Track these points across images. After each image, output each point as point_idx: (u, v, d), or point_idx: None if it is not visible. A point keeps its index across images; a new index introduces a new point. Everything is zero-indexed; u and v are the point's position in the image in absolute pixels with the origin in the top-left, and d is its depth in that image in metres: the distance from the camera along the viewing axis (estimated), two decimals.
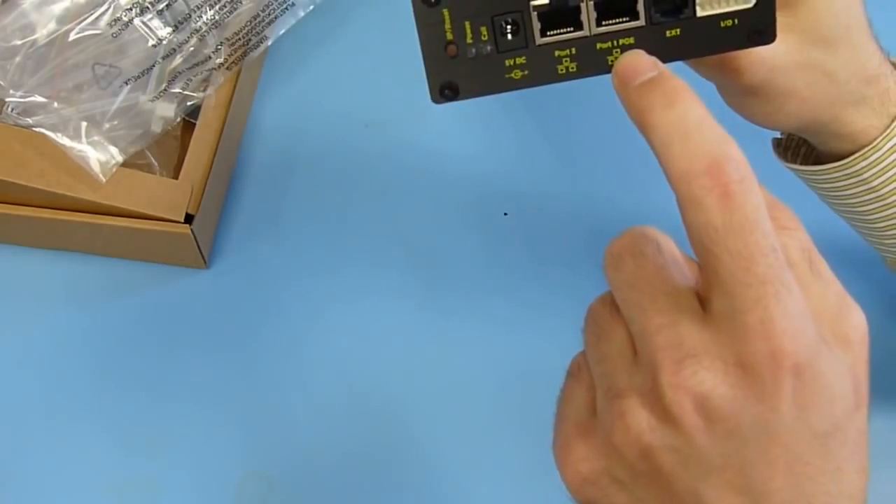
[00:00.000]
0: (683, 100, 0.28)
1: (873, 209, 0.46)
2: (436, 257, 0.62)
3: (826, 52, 0.42)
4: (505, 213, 0.63)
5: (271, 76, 0.67)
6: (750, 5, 0.33)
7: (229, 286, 0.61)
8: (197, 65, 0.58)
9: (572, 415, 0.31)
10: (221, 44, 0.58)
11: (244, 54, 0.60)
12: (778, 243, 0.27)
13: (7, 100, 0.56)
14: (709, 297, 0.28)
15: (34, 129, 0.56)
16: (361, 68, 0.68)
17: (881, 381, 0.53)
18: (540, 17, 0.33)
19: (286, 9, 0.60)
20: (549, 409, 0.33)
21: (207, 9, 0.58)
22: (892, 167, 0.44)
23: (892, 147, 0.44)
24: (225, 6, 0.58)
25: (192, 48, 0.58)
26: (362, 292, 0.61)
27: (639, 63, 0.30)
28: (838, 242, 0.60)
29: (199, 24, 0.58)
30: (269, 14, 0.60)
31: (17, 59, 0.56)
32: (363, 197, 0.64)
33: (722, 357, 0.27)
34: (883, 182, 0.45)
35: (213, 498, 0.55)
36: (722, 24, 0.34)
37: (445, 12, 0.32)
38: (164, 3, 0.57)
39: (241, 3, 0.59)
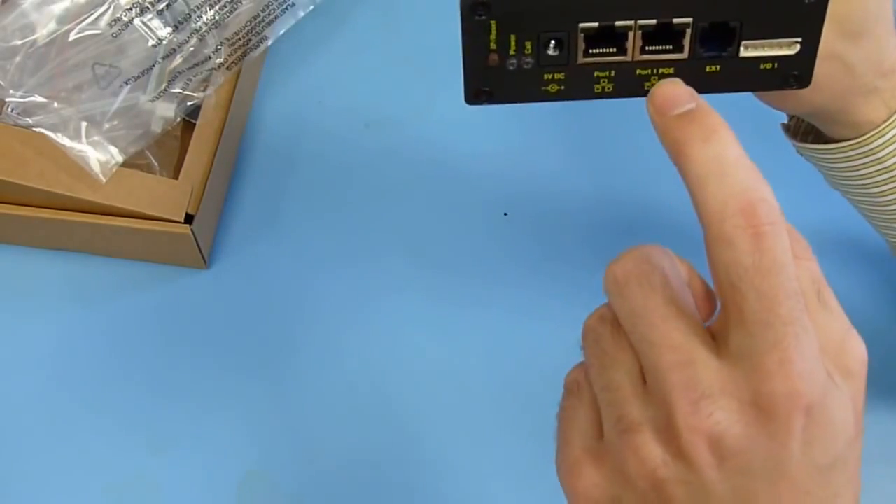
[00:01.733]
0: (721, 136, 0.28)
1: (886, 190, 0.46)
2: (436, 257, 0.62)
3: (850, 44, 0.42)
4: (505, 213, 0.63)
5: (271, 76, 0.67)
6: (793, 52, 0.33)
7: (229, 286, 0.61)
8: (197, 65, 0.58)
9: (578, 437, 0.31)
10: (221, 44, 0.58)
11: (244, 54, 0.60)
12: (799, 285, 0.27)
13: (7, 100, 0.56)
14: (725, 332, 0.28)
15: (34, 129, 0.56)
16: (361, 68, 0.68)
17: (887, 378, 0.53)
18: (586, 39, 0.33)
19: (286, 9, 0.60)
20: (551, 409, 0.33)
21: (207, 9, 0.58)
22: None
23: None
24: (225, 6, 0.58)
25: (192, 48, 0.58)
26: (362, 292, 0.61)
27: (677, 93, 0.29)
28: (846, 235, 0.60)
29: (199, 24, 0.58)
30: (269, 14, 0.60)
31: (17, 59, 0.56)
32: (363, 197, 0.64)
33: (737, 396, 0.27)
34: None
35: (215, 497, 0.55)
36: (761, 66, 0.34)
37: (493, 24, 0.32)
38: (164, 3, 0.57)
39: (241, 3, 0.59)
